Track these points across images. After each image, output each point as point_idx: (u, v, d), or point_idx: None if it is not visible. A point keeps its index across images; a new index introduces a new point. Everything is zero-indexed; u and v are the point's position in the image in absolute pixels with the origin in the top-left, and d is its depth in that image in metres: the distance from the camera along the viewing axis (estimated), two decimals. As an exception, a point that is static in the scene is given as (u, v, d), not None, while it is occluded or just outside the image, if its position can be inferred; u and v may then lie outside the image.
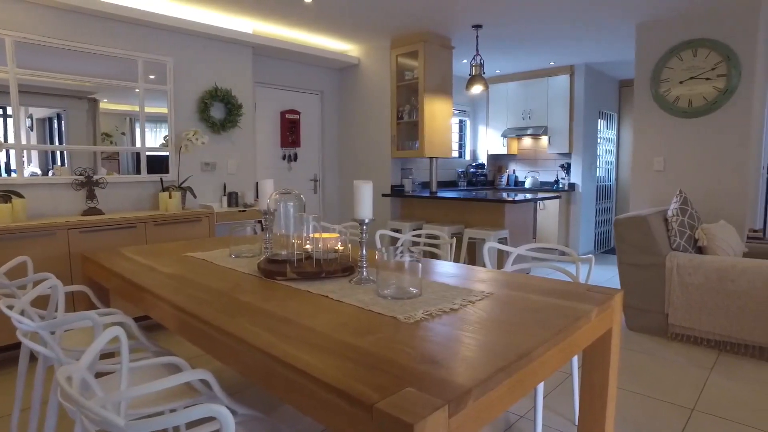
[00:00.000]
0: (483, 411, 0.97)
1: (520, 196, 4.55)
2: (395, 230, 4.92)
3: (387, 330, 1.24)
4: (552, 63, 6.15)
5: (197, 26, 4.06)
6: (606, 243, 7.17)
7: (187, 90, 4.16)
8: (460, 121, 7.07)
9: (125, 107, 3.81)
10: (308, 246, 1.92)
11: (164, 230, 3.58)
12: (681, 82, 4.17)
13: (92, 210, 3.51)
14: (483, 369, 1.00)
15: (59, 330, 1.70)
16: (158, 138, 4.00)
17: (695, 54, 4.09)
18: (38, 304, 2.56)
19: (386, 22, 4.49)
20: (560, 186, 6.55)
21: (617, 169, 7.29)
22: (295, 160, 5.45)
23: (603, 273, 5.34)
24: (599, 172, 6.78)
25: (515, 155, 7.17)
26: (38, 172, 3.42)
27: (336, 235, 1.95)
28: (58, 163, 3.52)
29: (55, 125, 3.49)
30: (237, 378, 2.68)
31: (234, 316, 1.36)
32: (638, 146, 4.48)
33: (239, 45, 4.48)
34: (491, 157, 7.39)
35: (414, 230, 3.89)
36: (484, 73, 5.78)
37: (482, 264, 4.45)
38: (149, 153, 3.94)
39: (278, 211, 1.95)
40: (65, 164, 3.55)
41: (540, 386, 1.95)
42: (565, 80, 6.26)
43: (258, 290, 1.66)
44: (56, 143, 3.49)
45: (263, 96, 5.10)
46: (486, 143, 7.25)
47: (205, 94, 4.24)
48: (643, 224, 3.30)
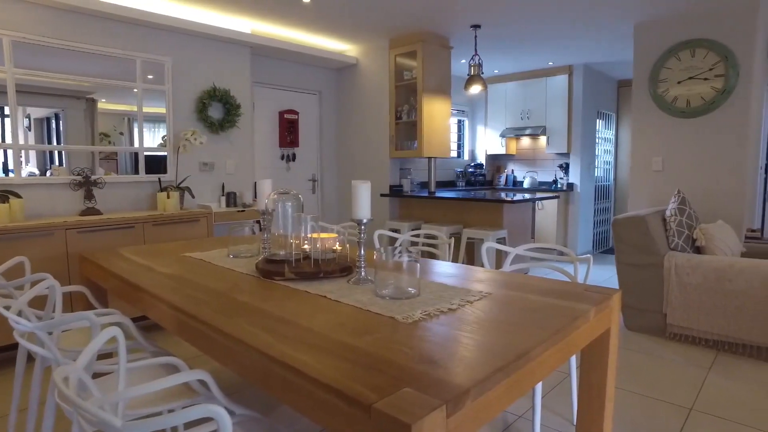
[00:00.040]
0: (481, 411, 0.97)
1: (519, 196, 4.55)
2: (394, 230, 4.91)
3: (385, 330, 1.24)
4: (550, 63, 6.15)
5: (195, 26, 4.05)
6: (604, 243, 7.18)
7: (186, 90, 4.16)
8: (459, 121, 7.07)
9: (123, 107, 3.81)
10: (306, 246, 1.92)
11: (162, 230, 3.57)
12: (679, 82, 4.18)
13: (90, 210, 3.51)
14: (481, 369, 1.00)
15: (57, 330, 1.69)
16: (156, 138, 4.00)
17: (693, 54, 4.10)
18: (36, 305, 2.55)
19: (385, 22, 4.49)
20: (559, 186, 6.56)
21: (615, 169, 7.30)
22: (294, 160, 5.45)
23: (601, 273, 5.34)
24: (598, 172, 6.79)
25: (514, 155, 7.18)
26: (36, 172, 3.41)
27: (334, 235, 1.95)
28: (56, 163, 3.51)
29: (53, 125, 3.48)
30: (235, 378, 2.68)
31: (232, 317, 1.36)
32: (636, 146, 4.49)
33: (237, 45, 4.48)
34: (490, 157, 7.39)
35: (412, 230, 3.89)
36: (483, 73, 5.79)
37: (480, 264, 4.45)
38: (147, 153, 3.94)
39: (276, 211, 1.95)
40: (63, 164, 3.54)
41: (538, 386, 1.95)
42: (564, 80, 6.27)
43: (256, 290, 1.65)
44: (54, 143, 3.49)
45: (261, 96, 5.09)
46: (484, 143, 7.25)
47: (204, 94, 4.23)
48: (642, 224, 3.31)
